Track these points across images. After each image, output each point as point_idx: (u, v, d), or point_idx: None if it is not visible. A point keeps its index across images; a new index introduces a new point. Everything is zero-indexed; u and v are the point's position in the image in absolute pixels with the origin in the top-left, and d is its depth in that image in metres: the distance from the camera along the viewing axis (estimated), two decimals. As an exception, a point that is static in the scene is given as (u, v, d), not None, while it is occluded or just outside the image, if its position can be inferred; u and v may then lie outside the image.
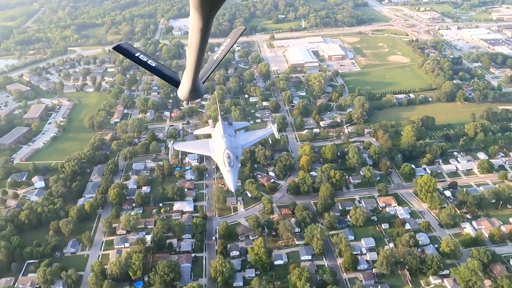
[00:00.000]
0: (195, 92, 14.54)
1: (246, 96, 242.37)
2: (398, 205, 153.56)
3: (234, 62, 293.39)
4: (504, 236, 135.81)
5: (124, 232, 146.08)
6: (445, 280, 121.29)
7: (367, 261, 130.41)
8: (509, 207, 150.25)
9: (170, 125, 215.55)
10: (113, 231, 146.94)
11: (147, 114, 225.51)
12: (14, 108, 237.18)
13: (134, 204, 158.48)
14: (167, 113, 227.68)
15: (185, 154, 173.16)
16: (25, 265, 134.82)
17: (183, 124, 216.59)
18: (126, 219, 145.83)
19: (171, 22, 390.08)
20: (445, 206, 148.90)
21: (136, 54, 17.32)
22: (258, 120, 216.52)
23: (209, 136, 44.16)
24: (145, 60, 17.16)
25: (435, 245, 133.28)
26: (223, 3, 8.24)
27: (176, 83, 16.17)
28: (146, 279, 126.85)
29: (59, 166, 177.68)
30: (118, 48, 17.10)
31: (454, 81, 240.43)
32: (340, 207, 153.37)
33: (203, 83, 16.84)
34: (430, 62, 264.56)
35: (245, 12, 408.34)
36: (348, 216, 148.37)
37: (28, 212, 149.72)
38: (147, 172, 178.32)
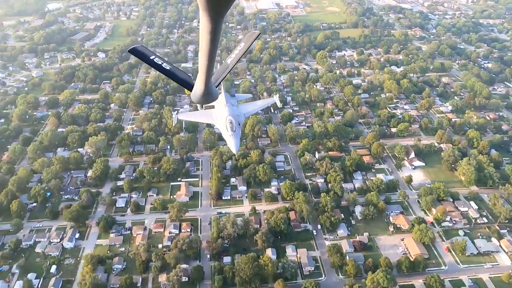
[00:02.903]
0: (208, 96, 13.42)
1: (227, 23, 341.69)
2: (305, 65, 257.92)
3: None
4: (354, 73, 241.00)
5: (157, 73, 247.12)
6: (317, 85, 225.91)
7: (282, 82, 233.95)
8: (365, 67, 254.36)
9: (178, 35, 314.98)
10: (149, 72, 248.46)
11: (163, 30, 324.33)
12: (75, 25, 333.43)
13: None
14: (175, 30, 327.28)
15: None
16: (102, 82, 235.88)
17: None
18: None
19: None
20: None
21: (151, 57, 16.67)
22: (234, 34, 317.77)
23: (212, 107, 42.23)
24: (160, 63, 16.47)
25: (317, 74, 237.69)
26: (231, 5, 7.82)
27: (190, 86, 15.16)
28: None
29: (113, 48, 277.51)
30: (134, 51, 16.71)
31: (362, 17, 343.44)
32: (275, 67, 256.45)
33: (216, 86, 16.18)
34: (350, 9, 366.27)
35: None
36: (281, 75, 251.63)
37: (100, 63, 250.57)
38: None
